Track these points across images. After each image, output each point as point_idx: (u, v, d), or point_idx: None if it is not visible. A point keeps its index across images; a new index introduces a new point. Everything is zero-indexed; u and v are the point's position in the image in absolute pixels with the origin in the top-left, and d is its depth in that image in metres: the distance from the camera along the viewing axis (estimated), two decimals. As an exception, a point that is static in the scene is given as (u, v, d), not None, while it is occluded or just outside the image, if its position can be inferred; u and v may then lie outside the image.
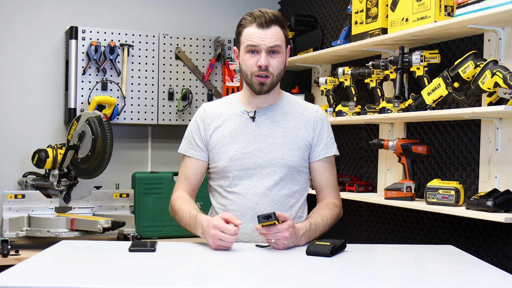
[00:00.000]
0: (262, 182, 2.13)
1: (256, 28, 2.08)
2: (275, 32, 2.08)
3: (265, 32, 2.07)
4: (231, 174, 2.14)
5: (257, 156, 2.13)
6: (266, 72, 2.08)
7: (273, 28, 2.08)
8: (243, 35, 2.11)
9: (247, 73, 2.12)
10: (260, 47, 2.07)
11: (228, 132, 2.16)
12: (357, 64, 3.30)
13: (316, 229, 2.05)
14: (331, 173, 2.23)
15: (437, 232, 2.73)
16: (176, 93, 3.82)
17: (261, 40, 2.07)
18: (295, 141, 2.16)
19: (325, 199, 2.21)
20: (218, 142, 2.17)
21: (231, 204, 2.14)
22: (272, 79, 2.11)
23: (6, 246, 2.99)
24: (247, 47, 2.09)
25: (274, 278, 1.63)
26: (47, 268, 1.65)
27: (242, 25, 2.12)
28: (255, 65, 2.08)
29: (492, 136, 2.43)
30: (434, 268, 1.78)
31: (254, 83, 2.11)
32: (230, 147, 2.15)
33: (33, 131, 3.67)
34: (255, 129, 2.16)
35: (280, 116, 2.19)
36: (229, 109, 2.21)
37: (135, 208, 3.53)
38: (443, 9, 2.51)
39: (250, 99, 2.19)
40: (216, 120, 2.19)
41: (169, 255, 1.85)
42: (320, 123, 2.21)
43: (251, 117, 2.17)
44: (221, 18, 4.11)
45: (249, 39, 2.08)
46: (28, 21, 3.67)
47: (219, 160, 2.16)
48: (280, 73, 2.13)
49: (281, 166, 2.13)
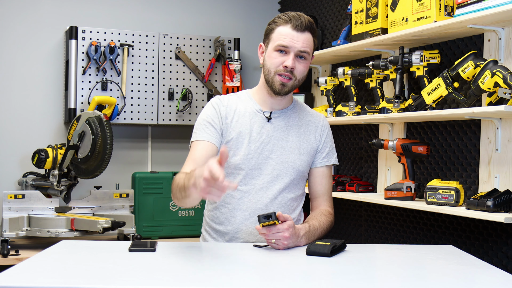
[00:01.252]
0: (273, 184, 2.13)
1: (290, 29, 2.07)
2: (308, 38, 2.08)
3: (298, 35, 2.06)
4: (242, 172, 2.12)
5: (270, 157, 2.13)
6: (290, 74, 2.08)
7: (306, 33, 2.08)
8: (275, 32, 2.09)
9: (270, 70, 2.10)
10: (290, 49, 2.06)
11: (244, 128, 2.14)
12: (357, 64, 3.30)
13: (314, 232, 2.05)
14: (329, 182, 2.25)
15: (437, 232, 2.73)
16: (176, 93, 3.82)
17: (294, 42, 2.06)
18: (306, 147, 2.18)
19: (320, 207, 2.22)
20: (234, 137, 2.13)
21: (239, 203, 2.12)
22: (294, 82, 2.10)
23: (6, 246, 2.99)
24: (277, 46, 2.08)
25: (274, 278, 1.63)
26: (47, 268, 1.65)
27: (275, 23, 2.10)
28: (281, 64, 2.07)
29: (492, 136, 2.43)
30: (434, 268, 1.78)
31: (276, 82, 2.09)
32: (244, 144, 2.12)
33: (33, 131, 3.67)
34: (270, 130, 2.15)
35: (294, 120, 2.19)
36: (244, 106, 2.18)
37: (135, 208, 3.53)
38: (443, 9, 2.51)
39: (266, 99, 2.18)
40: (233, 114, 2.16)
41: (169, 255, 1.85)
42: (326, 132, 2.24)
43: (266, 117, 2.17)
44: (221, 18, 4.11)
45: (281, 39, 2.07)
46: (28, 21, 3.67)
47: (233, 156, 2.12)
48: (302, 79, 2.13)
49: (292, 170, 2.14)
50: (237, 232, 2.13)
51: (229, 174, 2.15)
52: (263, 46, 2.15)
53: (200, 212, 3.59)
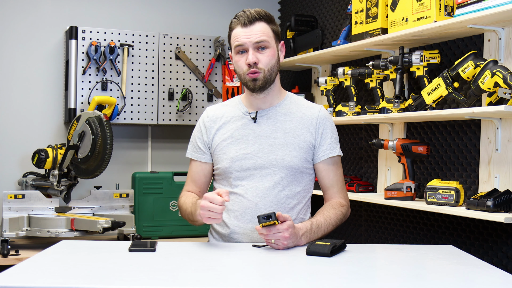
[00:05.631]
0: (262, 183, 2.13)
1: (240, 27, 2.10)
2: (260, 28, 2.10)
3: (249, 29, 2.09)
4: (232, 175, 2.15)
5: (258, 156, 2.13)
6: (256, 69, 2.10)
7: (257, 24, 2.10)
8: (231, 37, 2.15)
9: (240, 74, 2.14)
10: (246, 45, 2.09)
11: (230, 133, 2.17)
12: (357, 64, 3.30)
13: (317, 229, 2.04)
14: (336, 173, 2.22)
15: (437, 232, 2.73)
16: (176, 93, 3.82)
17: (246, 37, 2.09)
18: (297, 142, 2.16)
19: (331, 199, 2.21)
20: (219, 144, 2.18)
21: (232, 205, 2.14)
22: (264, 74, 2.11)
23: (6, 246, 2.99)
24: (235, 48, 2.12)
25: (274, 278, 1.63)
26: (47, 268, 1.65)
27: (230, 29, 2.16)
28: (245, 64, 2.10)
29: (492, 136, 2.43)
30: (434, 268, 1.78)
31: (248, 81, 2.12)
32: (231, 148, 2.15)
33: (33, 131, 3.67)
34: (256, 130, 2.16)
35: (282, 117, 2.19)
36: (231, 111, 2.22)
37: (135, 208, 3.53)
38: (443, 9, 2.51)
39: (251, 100, 2.20)
40: (218, 122, 2.21)
41: (169, 255, 1.85)
42: (323, 124, 2.19)
43: (252, 118, 2.18)
44: (221, 18, 4.10)
45: (236, 40, 2.11)
46: (28, 21, 3.67)
47: (221, 162, 2.17)
48: (273, 68, 2.13)
49: (282, 166, 2.13)
50: (232, 233, 2.14)
51: (221, 179, 2.20)
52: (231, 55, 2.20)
53: (200, 212, 3.60)
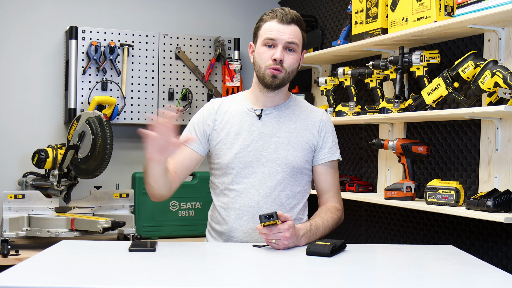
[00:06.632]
0: (264, 181, 2.13)
1: (276, 23, 2.10)
2: (295, 30, 2.11)
3: (285, 27, 2.09)
4: (233, 171, 2.14)
5: (261, 154, 2.13)
6: (280, 66, 2.09)
7: (293, 26, 2.10)
8: (262, 29, 2.13)
9: (261, 66, 2.12)
10: (277, 41, 2.09)
11: (234, 129, 2.16)
12: (357, 64, 3.30)
13: (316, 230, 2.05)
14: (334, 177, 2.23)
15: (437, 232, 2.73)
16: (176, 93, 3.82)
17: (280, 34, 2.08)
18: (300, 142, 2.17)
19: (327, 203, 2.21)
20: (223, 138, 2.16)
21: (232, 203, 2.13)
22: (285, 74, 2.11)
23: (6, 246, 2.99)
24: (264, 40, 2.10)
25: (274, 278, 1.63)
26: (47, 268, 1.65)
27: (262, 20, 2.14)
28: (270, 58, 2.10)
29: (492, 136, 2.43)
30: (434, 268, 1.78)
31: (267, 75, 2.11)
32: (234, 143, 2.15)
33: (33, 131, 3.67)
34: (260, 127, 2.16)
35: (287, 117, 2.19)
36: (236, 107, 2.21)
37: (135, 208, 3.53)
38: (443, 9, 2.51)
39: (258, 97, 2.19)
40: (223, 116, 2.19)
41: (169, 255, 1.85)
42: (325, 127, 2.22)
43: (257, 115, 2.18)
44: (221, 18, 4.10)
45: (268, 33, 2.10)
46: (28, 21, 3.67)
47: (223, 156, 2.15)
48: (293, 72, 2.14)
49: (285, 166, 2.14)
50: (232, 231, 2.13)
51: (221, 174, 2.18)
52: (253, 45, 2.18)
53: (200, 212, 3.60)
